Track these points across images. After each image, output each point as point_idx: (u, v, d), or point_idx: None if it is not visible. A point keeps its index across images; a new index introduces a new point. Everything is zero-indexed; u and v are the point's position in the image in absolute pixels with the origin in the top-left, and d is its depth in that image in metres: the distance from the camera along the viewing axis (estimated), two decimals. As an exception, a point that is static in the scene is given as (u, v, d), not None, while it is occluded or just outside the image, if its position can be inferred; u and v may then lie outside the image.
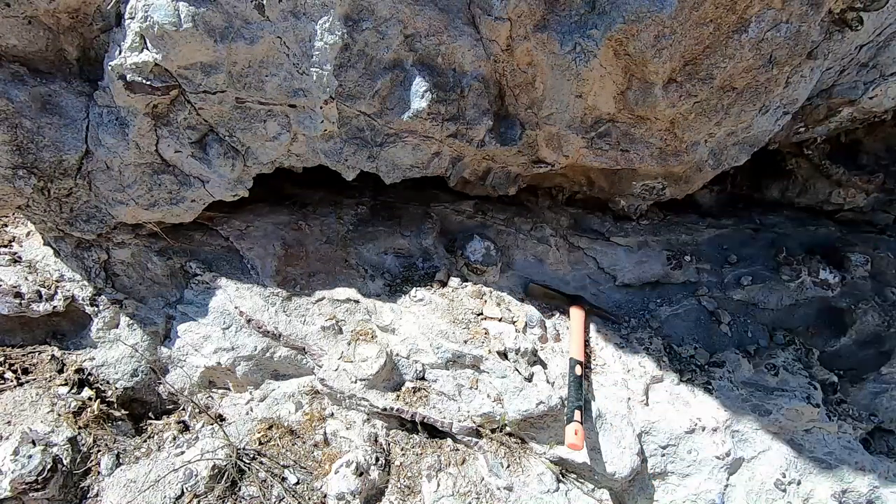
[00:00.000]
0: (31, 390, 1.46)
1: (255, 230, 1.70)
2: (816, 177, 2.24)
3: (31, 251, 1.60)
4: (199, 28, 1.14)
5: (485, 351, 1.53)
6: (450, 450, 1.52)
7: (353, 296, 1.65)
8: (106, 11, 1.23)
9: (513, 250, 1.89)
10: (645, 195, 1.94)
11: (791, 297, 1.98)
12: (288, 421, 1.54)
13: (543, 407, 1.45)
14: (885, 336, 1.92)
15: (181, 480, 1.33)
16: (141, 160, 1.37)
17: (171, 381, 1.62)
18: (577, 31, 1.25)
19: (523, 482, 1.46)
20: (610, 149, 1.56)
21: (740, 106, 1.45)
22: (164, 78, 1.22)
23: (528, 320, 1.64)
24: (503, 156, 1.60)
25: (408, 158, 1.51)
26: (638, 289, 1.97)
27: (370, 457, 1.42)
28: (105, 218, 1.47)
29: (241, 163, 1.43)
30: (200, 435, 1.50)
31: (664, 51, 1.23)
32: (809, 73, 1.48)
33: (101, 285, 1.57)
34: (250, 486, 1.36)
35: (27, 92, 1.27)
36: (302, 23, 1.19)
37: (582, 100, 1.40)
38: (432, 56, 1.30)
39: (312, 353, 1.58)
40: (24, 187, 1.34)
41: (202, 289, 1.61)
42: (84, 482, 1.36)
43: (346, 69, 1.27)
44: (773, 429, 1.61)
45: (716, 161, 1.70)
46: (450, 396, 1.52)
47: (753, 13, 1.22)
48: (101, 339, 1.58)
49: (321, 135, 1.40)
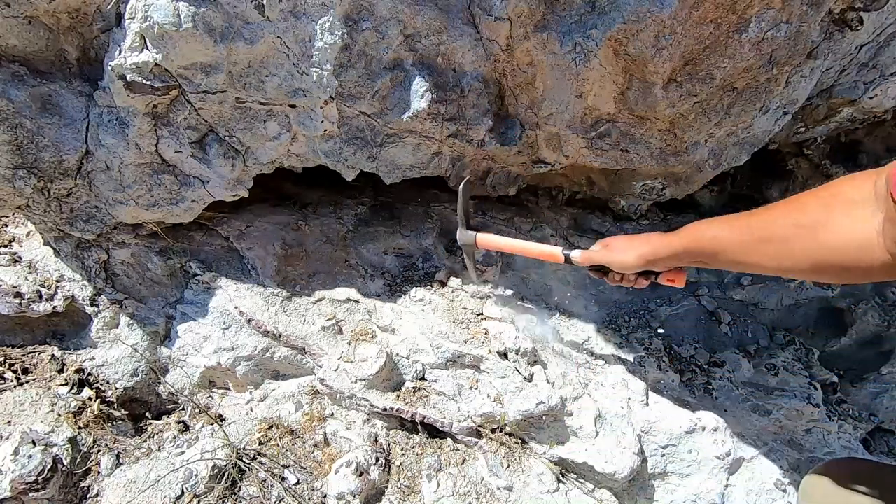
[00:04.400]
0: (31, 390, 1.46)
1: (255, 230, 1.70)
2: (816, 177, 2.23)
3: (31, 251, 1.60)
4: (199, 28, 1.14)
5: (485, 351, 1.53)
6: (450, 450, 1.52)
7: (353, 296, 1.65)
8: (106, 11, 1.23)
9: (513, 250, 1.89)
10: (645, 195, 1.93)
11: (791, 297, 1.98)
12: (288, 421, 1.54)
13: (543, 407, 1.45)
14: (885, 336, 1.92)
15: (181, 480, 1.33)
16: (141, 160, 1.37)
17: (171, 381, 1.62)
18: (577, 31, 1.25)
19: (523, 482, 1.46)
20: (610, 149, 1.56)
21: (740, 106, 1.45)
22: (164, 78, 1.22)
23: (529, 320, 1.64)
24: (503, 156, 1.60)
25: (408, 158, 1.51)
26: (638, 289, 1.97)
27: (370, 457, 1.42)
28: (105, 218, 1.47)
29: (241, 163, 1.43)
30: (200, 435, 1.50)
31: (664, 51, 1.23)
32: (809, 73, 1.48)
33: (101, 285, 1.57)
34: (250, 486, 1.36)
35: (27, 92, 1.27)
36: (302, 23, 1.19)
37: (582, 100, 1.40)
38: (432, 56, 1.30)
39: (312, 353, 1.58)
40: (24, 187, 1.34)
41: (202, 289, 1.61)
42: (84, 482, 1.36)
43: (346, 69, 1.27)
44: (773, 429, 1.61)
45: (716, 161, 1.71)
46: (450, 396, 1.52)
47: (753, 13, 1.22)
48: (101, 339, 1.58)
49: (321, 135, 1.40)
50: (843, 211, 0.73)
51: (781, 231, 0.81)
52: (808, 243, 0.77)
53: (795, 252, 0.80)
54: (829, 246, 0.75)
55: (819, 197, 0.78)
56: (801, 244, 0.78)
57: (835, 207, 0.75)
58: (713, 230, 0.94)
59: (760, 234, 0.85)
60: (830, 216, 0.75)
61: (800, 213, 0.79)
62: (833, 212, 0.75)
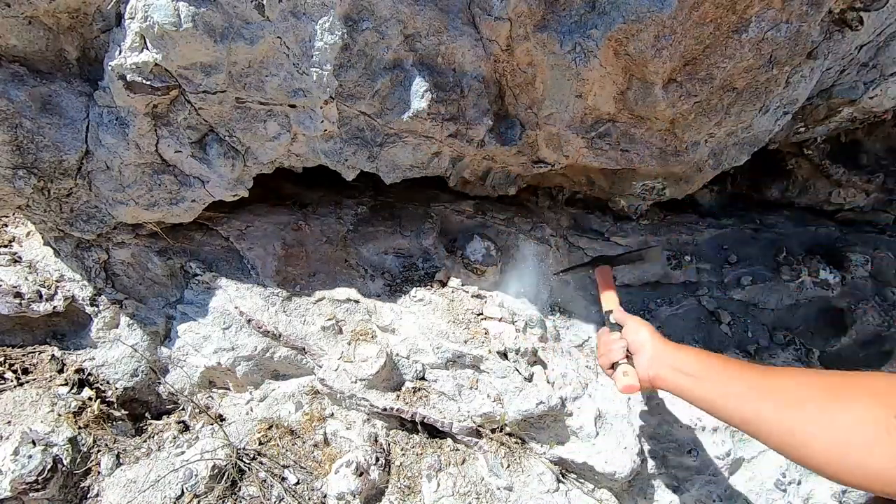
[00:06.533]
0: (31, 390, 1.46)
1: (255, 230, 1.70)
2: (816, 177, 2.24)
3: (31, 251, 1.60)
4: (199, 28, 1.14)
5: (485, 351, 1.53)
6: (450, 450, 1.52)
7: (353, 296, 1.65)
8: (106, 11, 1.23)
9: (513, 250, 1.89)
10: (645, 195, 1.93)
11: (791, 297, 1.98)
12: (288, 421, 1.54)
13: (543, 407, 1.45)
14: (885, 336, 1.92)
15: (181, 480, 1.33)
16: (141, 160, 1.37)
17: (171, 381, 1.62)
18: (577, 31, 1.25)
19: (523, 482, 1.46)
20: (610, 149, 1.56)
21: (740, 106, 1.45)
22: (164, 78, 1.22)
23: (528, 320, 1.64)
24: (503, 156, 1.60)
25: (408, 158, 1.51)
26: (638, 289, 1.97)
27: (370, 457, 1.42)
28: (105, 218, 1.47)
29: (241, 163, 1.43)
30: (200, 435, 1.50)
31: (664, 51, 1.23)
32: (809, 73, 1.48)
33: (101, 285, 1.57)
34: (250, 486, 1.36)
35: (27, 92, 1.27)
36: (302, 23, 1.19)
37: (582, 100, 1.40)
38: (432, 56, 1.30)
39: (312, 353, 1.58)
40: (24, 187, 1.34)
41: (202, 289, 1.61)
42: (84, 482, 1.36)
43: (346, 69, 1.27)
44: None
45: (716, 161, 1.70)
46: (450, 396, 1.52)
47: (753, 13, 1.22)
48: (101, 339, 1.58)
49: (321, 135, 1.40)
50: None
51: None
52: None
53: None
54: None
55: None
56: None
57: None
58: (756, 405, 0.87)
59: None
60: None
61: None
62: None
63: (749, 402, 0.87)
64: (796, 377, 0.84)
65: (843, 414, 0.73)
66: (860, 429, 0.70)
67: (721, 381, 0.94)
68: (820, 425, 0.75)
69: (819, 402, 0.77)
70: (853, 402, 0.73)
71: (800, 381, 0.83)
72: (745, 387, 0.89)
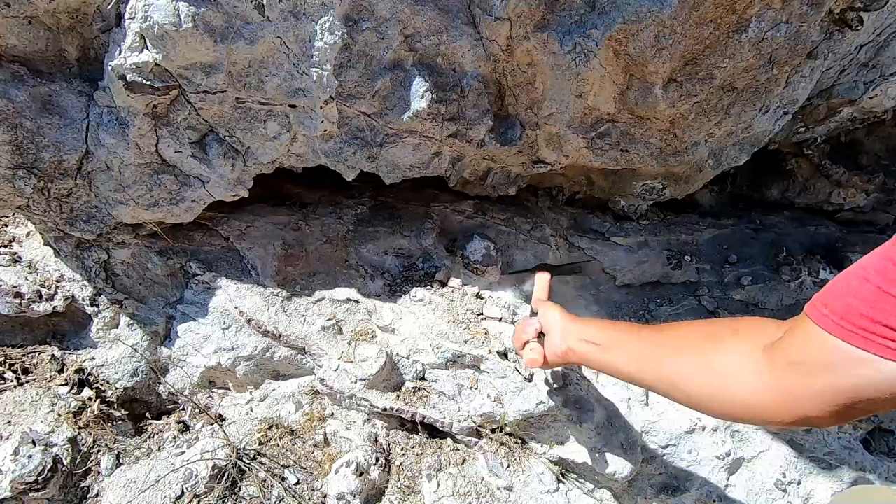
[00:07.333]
0: (31, 390, 1.46)
1: (255, 230, 1.70)
2: (816, 177, 2.24)
3: (31, 251, 1.60)
4: (199, 28, 1.14)
5: (485, 351, 1.53)
6: (450, 450, 1.52)
7: (353, 296, 1.65)
8: (106, 11, 1.23)
9: (513, 250, 1.89)
10: (645, 195, 1.94)
11: (791, 297, 1.98)
12: (288, 421, 1.54)
13: (543, 407, 1.45)
14: (885, 336, 1.92)
15: (181, 480, 1.33)
16: (141, 160, 1.37)
17: (171, 381, 1.62)
18: (577, 31, 1.25)
19: (523, 482, 1.46)
20: (610, 149, 1.56)
21: (740, 106, 1.46)
22: (164, 78, 1.22)
23: (528, 320, 1.64)
24: (503, 156, 1.60)
25: (408, 158, 1.51)
26: (638, 289, 1.97)
27: (370, 457, 1.42)
28: (105, 218, 1.47)
29: (241, 163, 1.43)
30: (200, 435, 1.50)
31: (664, 51, 1.23)
32: (809, 73, 1.48)
33: (101, 285, 1.57)
34: (250, 486, 1.36)
35: (27, 92, 1.27)
36: (302, 23, 1.19)
37: (582, 100, 1.40)
38: (432, 56, 1.30)
39: (312, 353, 1.58)
40: (24, 187, 1.34)
41: (202, 289, 1.61)
42: (84, 482, 1.36)
43: (346, 69, 1.27)
44: (773, 428, 1.61)
45: (716, 161, 1.71)
46: (450, 396, 1.52)
47: (753, 13, 1.22)
48: (101, 339, 1.58)
49: (321, 135, 1.40)
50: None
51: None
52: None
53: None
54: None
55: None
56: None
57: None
58: (657, 362, 0.95)
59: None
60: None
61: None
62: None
63: (650, 361, 0.93)
64: (681, 328, 0.93)
65: (717, 354, 0.81)
66: (733, 366, 0.77)
67: (624, 345, 0.99)
68: (699, 367, 0.82)
69: (699, 347, 0.85)
70: (725, 342, 0.81)
71: (684, 331, 0.91)
72: (644, 346, 0.95)
